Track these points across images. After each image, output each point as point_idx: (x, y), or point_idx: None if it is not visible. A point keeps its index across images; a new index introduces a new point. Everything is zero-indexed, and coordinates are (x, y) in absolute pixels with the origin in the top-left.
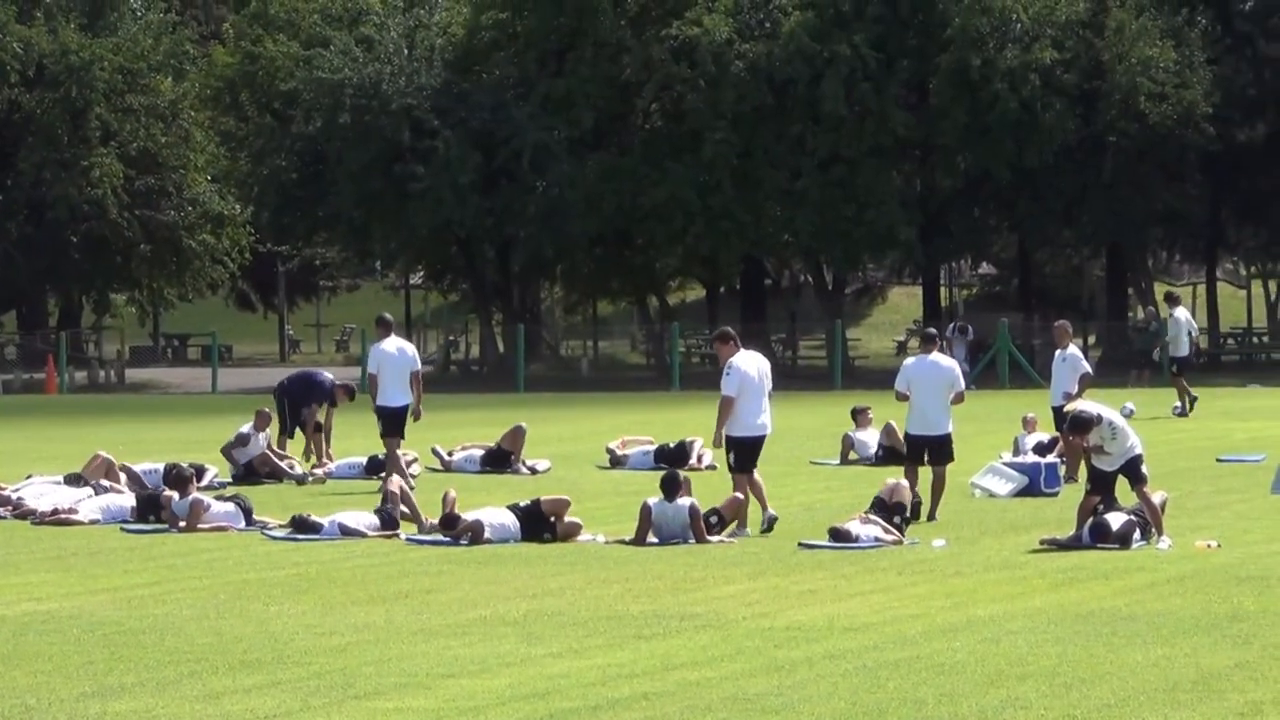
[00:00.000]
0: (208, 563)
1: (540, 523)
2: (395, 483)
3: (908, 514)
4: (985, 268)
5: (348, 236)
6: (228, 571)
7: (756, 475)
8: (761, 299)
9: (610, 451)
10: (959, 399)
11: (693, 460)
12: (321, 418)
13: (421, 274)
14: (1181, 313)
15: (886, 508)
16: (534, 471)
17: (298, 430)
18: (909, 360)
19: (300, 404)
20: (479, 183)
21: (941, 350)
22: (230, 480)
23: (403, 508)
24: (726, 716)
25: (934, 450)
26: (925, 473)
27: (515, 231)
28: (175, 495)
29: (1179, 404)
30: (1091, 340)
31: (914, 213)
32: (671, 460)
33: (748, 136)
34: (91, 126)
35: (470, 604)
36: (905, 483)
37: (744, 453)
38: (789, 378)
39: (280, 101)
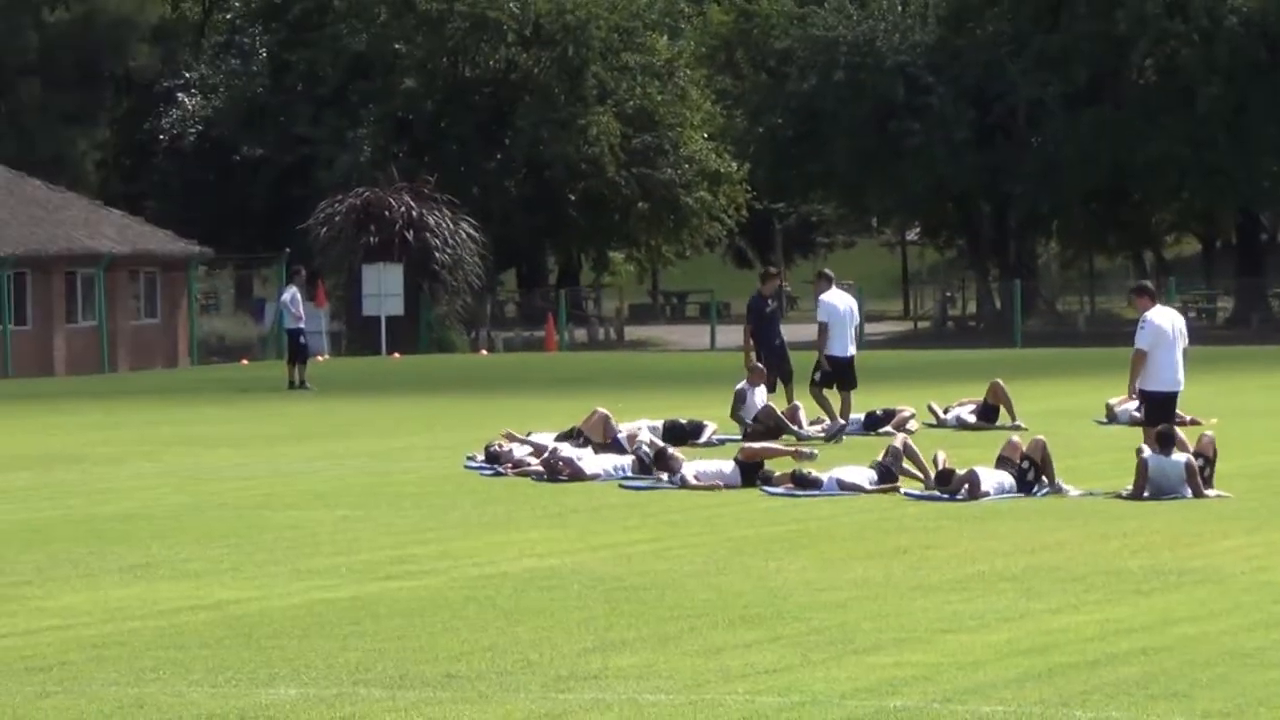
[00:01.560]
0: (706, 519)
1: (1015, 464)
2: (900, 439)
3: None
4: None
5: (843, 193)
6: (726, 528)
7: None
8: (1258, 253)
9: (1109, 407)
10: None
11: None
12: None
13: (917, 230)
14: None
15: None
16: (1017, 429)
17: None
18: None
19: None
20: (973, 139)
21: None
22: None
23: (907, 464)
24: (1225, 671)
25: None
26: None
27: (1011, 187)
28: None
29: None
30: None
31: None
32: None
33: (1242, 90)
34: (588, 85)
35: (968, 559)
36: None
37: (1155, 408)
38: None
39: (775, 59)
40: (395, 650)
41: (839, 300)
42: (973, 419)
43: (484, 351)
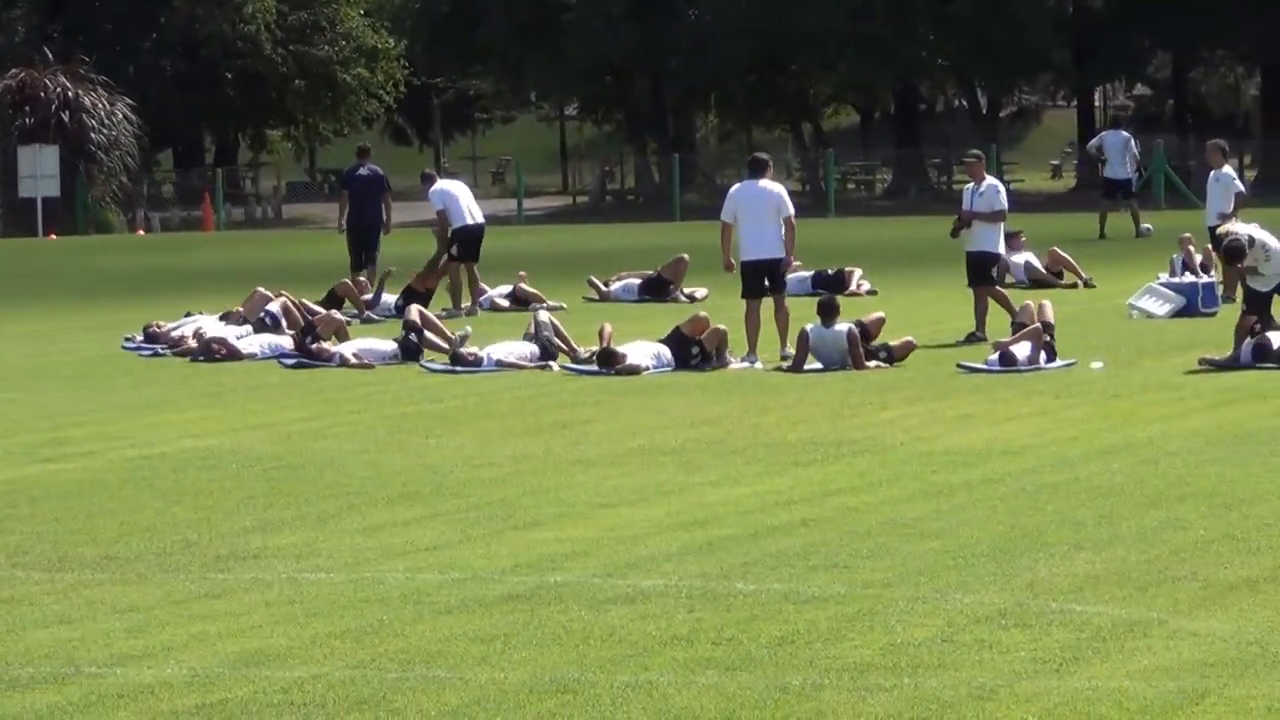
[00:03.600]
0: (366, 397)
1: (686, 343)
2: (544, 314)
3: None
4: (1139, 89)
5: (501, 68)
6: (386, 406)
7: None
8: (915, 124)
9: None
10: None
11: (852, 287)
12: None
13: (576, 105)
14: None
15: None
16: (691, 299)
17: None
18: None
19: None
20: (631, 12)
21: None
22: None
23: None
24: (885, 541)
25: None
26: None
27: (668, 61)
28: (328, 346)
29: None
30: (1247, 160)
31: (1067, 34)
32: (829, 286)
33: None
34: None
35: (628, 434)
36: (1048, 303)
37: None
38: (943, 202)
39: None
40: (53, 533)
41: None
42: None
43: (141, 231)
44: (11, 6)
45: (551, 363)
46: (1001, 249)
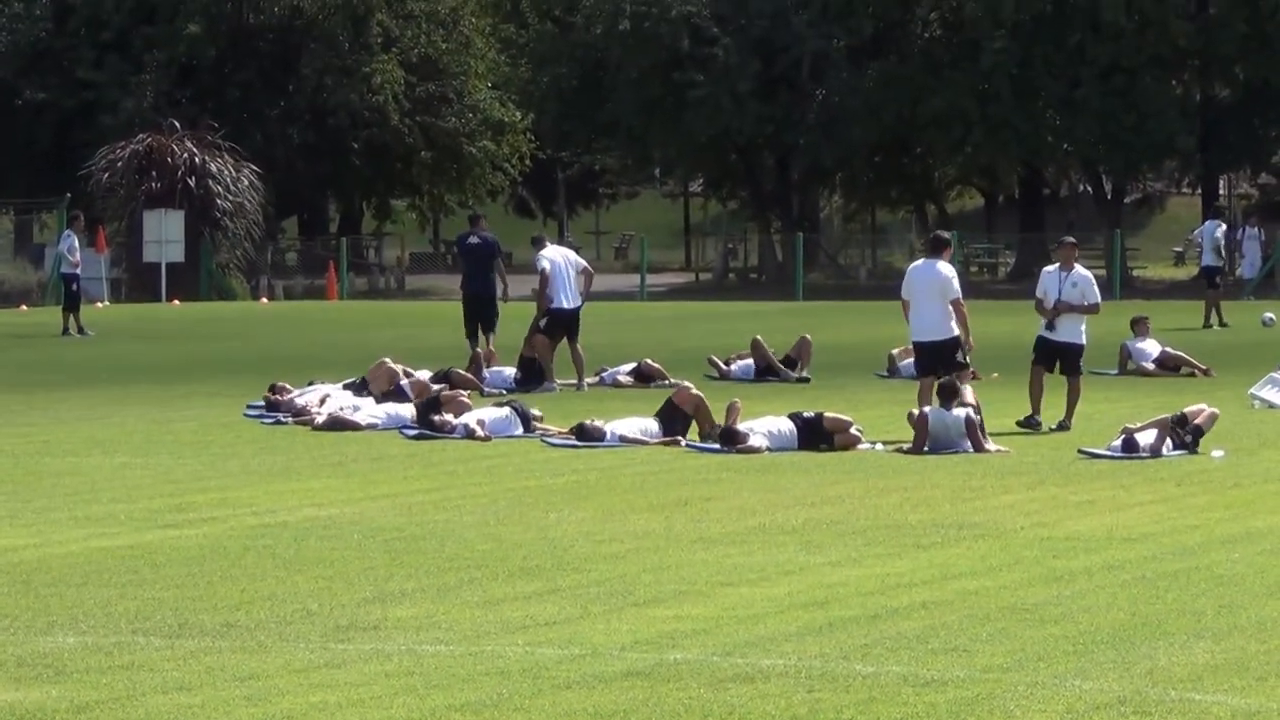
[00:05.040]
0: (487, 469)
1: (819, 435)
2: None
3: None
4: (1265, 178)
5: (627, 143)
6: (507, 478)
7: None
8: (1040, 208)
9: (890, 358)
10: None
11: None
12: None
13: (700, 181)
14: None
15: (1184, 423)
16: (805, 380)
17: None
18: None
19: None
20: (758, 90)
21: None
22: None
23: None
24: (1005, 626)
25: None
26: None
27: (794, 139)
28: (450, 418)
29: None
30: None
31: (1193, 122)
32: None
33: (1027, 45)
34: (373, 33)
35: (749, 512)
36: (1212, 409)
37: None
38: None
39: (560, 8)
40: (174, 599)
41: (557, 255)
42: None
43: (264, 299)
44: (141, 72)
45: (680, 439)
46: (1085, 340)
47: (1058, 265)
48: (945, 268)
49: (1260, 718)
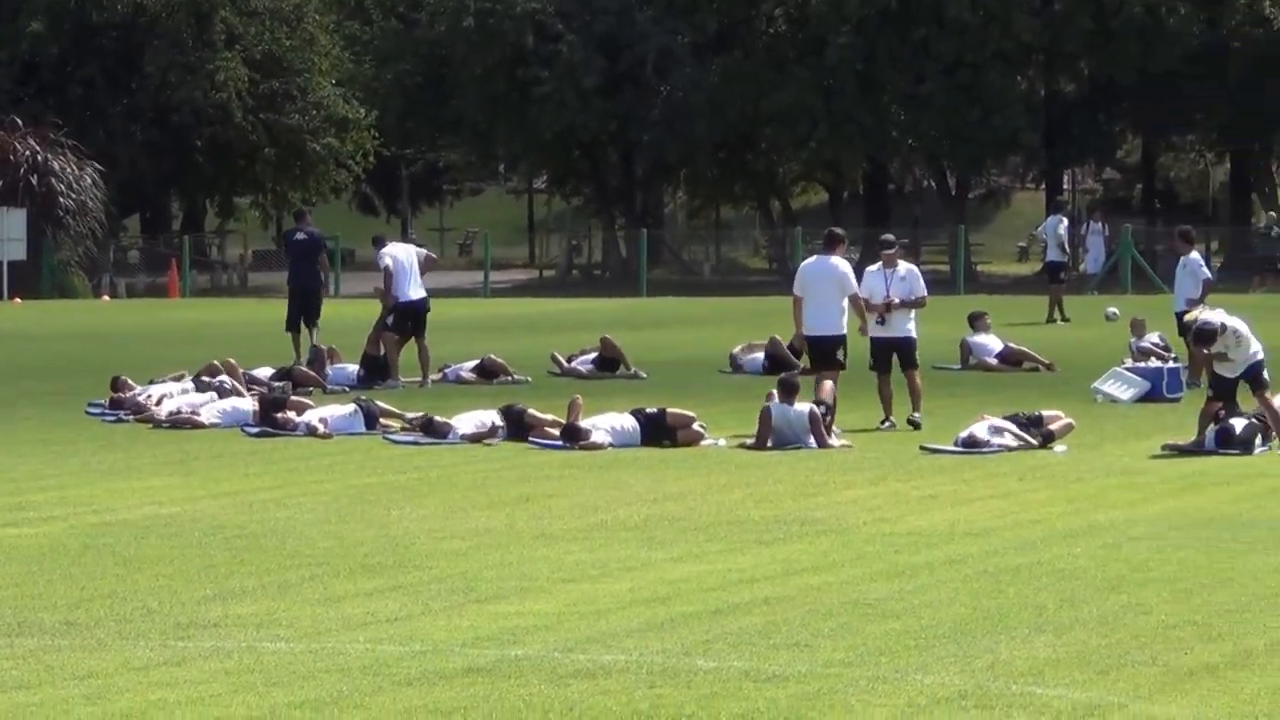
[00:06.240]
0: (329, 466)
1: (662, 431)
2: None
3: (1046, 429)
4: (1109, 173)
5: (471, 140)
6: (349, 475)
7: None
8: (884, 204)
9: (732, 357)
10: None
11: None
12: None
13: (545, 178)
14: None
15: (1028, 419)
16: (636, 377)
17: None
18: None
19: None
20: (603, 87)
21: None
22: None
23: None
24: (847, 621)
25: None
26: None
27: (638, 135)
28: (293, 415)
29: None
30: (1214, 246)
31: (1038, 117)
32: (787, 364)
33: (871, 40)
34: (216, 30)
35: (591, 509)
36: (1069, 420)
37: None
38: None
39: (404, 5)
40: (13, 597)
41: (399, 251)
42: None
43: (106, 297)
44: None
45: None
46: (915, 333)
47: (880, 264)
48: (841, 263)
49: (1101, 711)
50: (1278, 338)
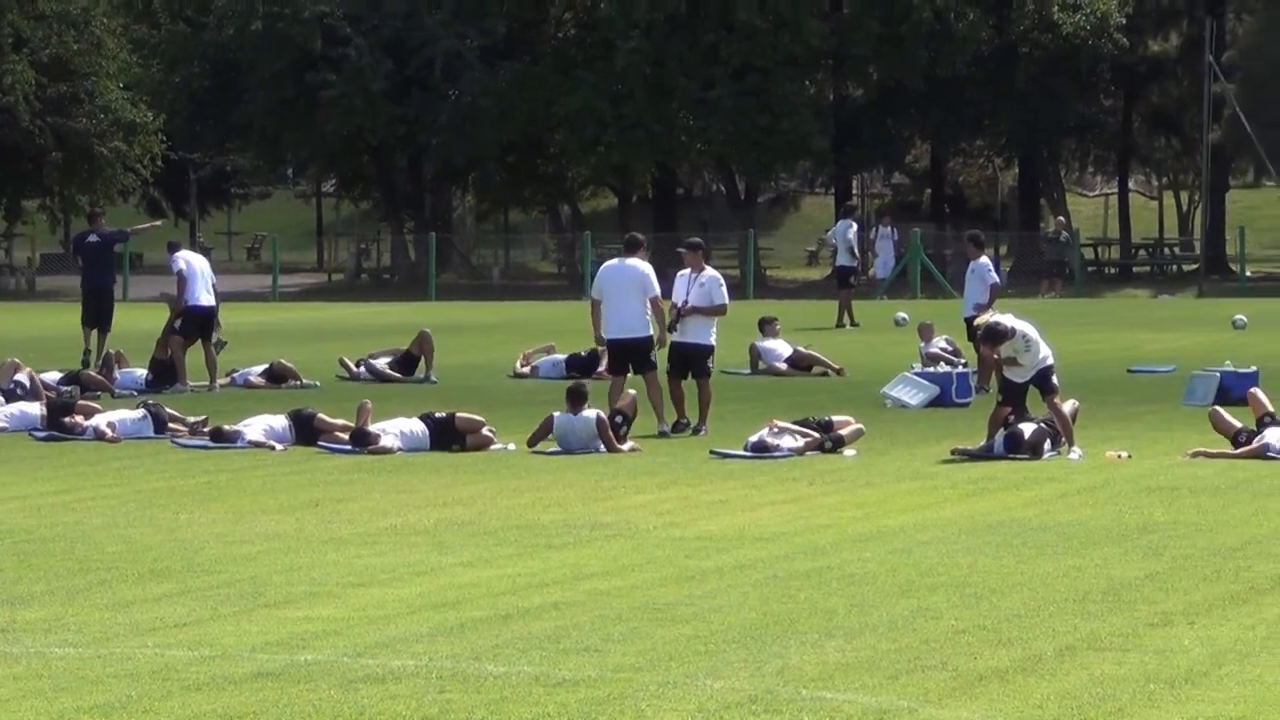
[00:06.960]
0: (118, 471)
1: (451, 435)
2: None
3: (834, 434)
4: (898, 178)
5: (259, 144)
6: (137, 480)
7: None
8: (673, 208)
9: (525, 357)
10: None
11: (603, 368)
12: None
13: (333, 182)
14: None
15: (818, 424)
16: (428, 380)
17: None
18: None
19: None
20: (391, 90)
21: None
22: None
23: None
24: (637, 626)
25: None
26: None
27: (427, 139)
28: (81, 419)
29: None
30: (1003, 250)
31: (827, 122)
32: (583, 368)
33: (660, 45)
34: (4, 33)
35: (380, 513)
36: (859, 425)
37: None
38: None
39: (192, 9)
40: None
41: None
42: (390, 370)
43: None
44: None
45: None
46: (714, 341)
47: (689, 269)
48: (642, 265)
49: (891, 715)
50: (1067, 342)
